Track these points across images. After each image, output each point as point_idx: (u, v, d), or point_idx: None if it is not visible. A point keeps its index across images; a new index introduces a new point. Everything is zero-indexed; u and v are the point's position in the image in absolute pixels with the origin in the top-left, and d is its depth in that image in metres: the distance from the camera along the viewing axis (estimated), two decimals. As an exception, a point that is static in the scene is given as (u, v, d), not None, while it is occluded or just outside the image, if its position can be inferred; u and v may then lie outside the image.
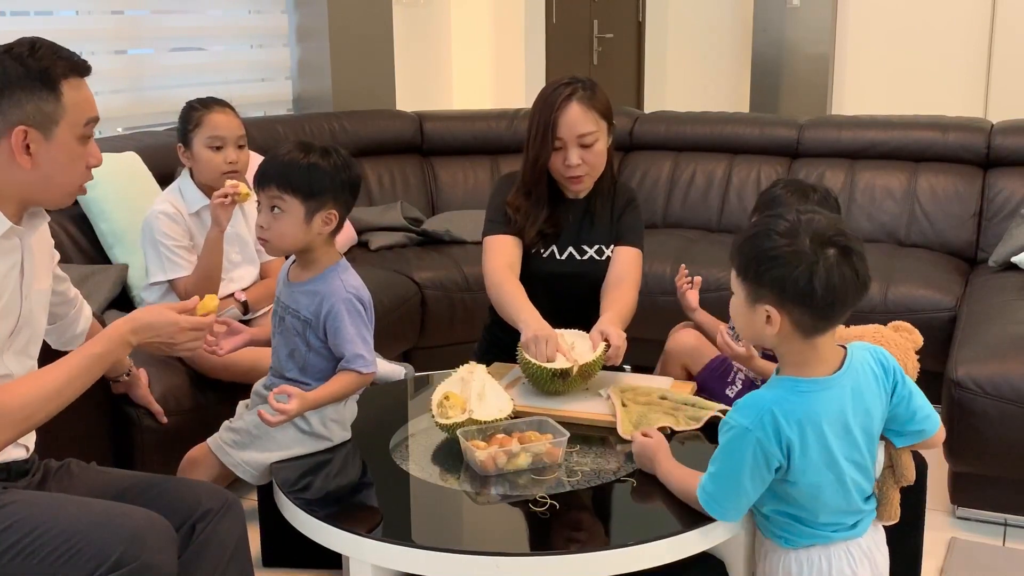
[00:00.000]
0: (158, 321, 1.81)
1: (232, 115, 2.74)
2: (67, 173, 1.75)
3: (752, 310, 1.64)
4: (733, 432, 1.65)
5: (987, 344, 2.70)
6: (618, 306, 2.40)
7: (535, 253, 2.54)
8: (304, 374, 2.06)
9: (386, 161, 4.27)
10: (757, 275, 1.61)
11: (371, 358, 2.04)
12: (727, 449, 1.66)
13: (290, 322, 2.06)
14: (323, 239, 2.04)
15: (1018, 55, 5.95)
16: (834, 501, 1.69)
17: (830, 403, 1.64)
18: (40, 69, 1.69)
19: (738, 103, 6.84)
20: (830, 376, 1.66)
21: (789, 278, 1.57)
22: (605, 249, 2.56)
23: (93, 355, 1.75)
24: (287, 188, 1.97)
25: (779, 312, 1.61)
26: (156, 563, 1.59)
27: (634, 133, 4.33)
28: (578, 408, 2.16)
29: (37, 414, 1.68)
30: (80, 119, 1.73)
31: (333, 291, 2.02)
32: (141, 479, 1.87)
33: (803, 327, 1.61)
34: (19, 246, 1.77)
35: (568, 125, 2.40)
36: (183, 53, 4.13)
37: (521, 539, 1.73)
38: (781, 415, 1.62)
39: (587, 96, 2.42)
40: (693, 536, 1.70)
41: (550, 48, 6.04)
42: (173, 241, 2.65)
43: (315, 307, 2.02)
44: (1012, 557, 2.57)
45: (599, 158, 2.46)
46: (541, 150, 2.43)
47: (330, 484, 1.96)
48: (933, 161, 3.86)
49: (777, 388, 1.67)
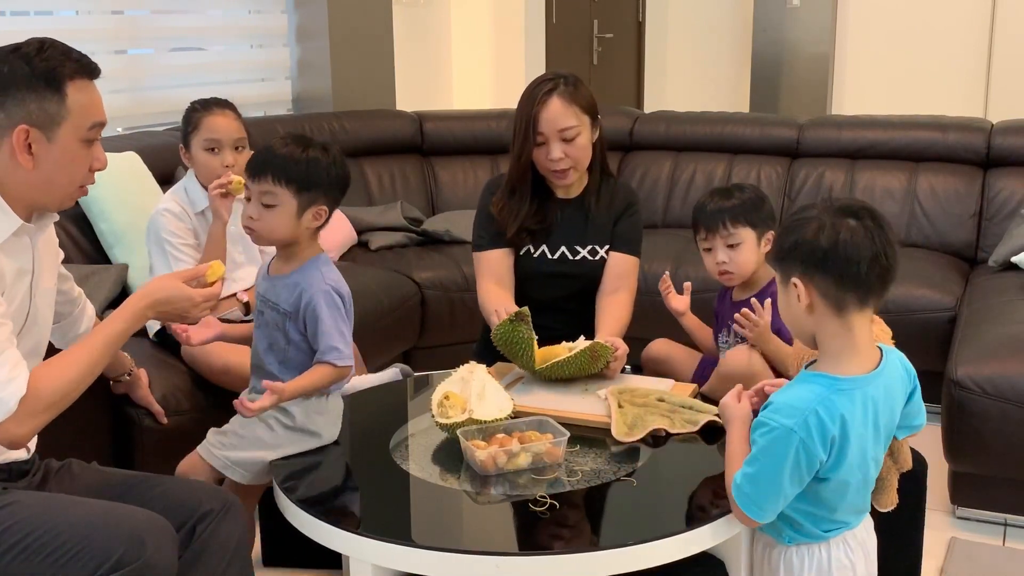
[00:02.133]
0: (174, 296, 1.85)
1: (231, 117, 2.74)
2: (68, 175, 1.75)
3: (787, 293, 1.66)
4: (775, 433, 1.62)
5: (987, 344, 2.70)
6: (614, 320, 2.43)
7: (526, 253, 2.55)
8: (284, 368, 2.05)
9: (386, 161, 4.27)
10: (781, 250, 1.66)
11: (347, 352, 2.02)
12: (768, 451, 1.63)
13: (270, 315, 2.05)
14: (309, 233, 2.04)
15: (1018, 55, 5.94)
16: (856, 499, 1.70)
17: (867, 402, 1.64)
18: (46, 69, 1.68)
19: (738, 103, 6.84)
20: (868, 375, 1.65)
21: (805, 240, 1.61)
22: (599, 249, 2.56)
23: (116, 332, 1.78)
24: (282, 180, 1.97)
25: (804, 282, 1.61)
26: (157, 563, 1.59)
27: (634, 133, 4.33)
28: (575, 408, 2.15)
29: (69, 396, 1.71)
30: (84, 122, 1.72)
31: (312, 283, 2.02)
32: (142, 479, 1.87)
33: (831, 298, 1.61)
34: (29, 245, 1.78)
35: (549, 120, 2.42)
36: (183, 53, 4.13)
37: (521, 539, 1.73)
38: (826, 415, 1.60)
39: (568, 91, 2.43)
40: (693, 536, 1.70)
41: (550, 48, 6.04)
42: (179, 239, 2.66)
43: (294, 299, 2.02)
44: (1012, 557, 2.57)
45: (582, 152, 2.47)
46: (524, 145, 2.46)
47: (330, 484, 1.96)
48: (933, 161, 3.87)
49: (816, 386, 1.64)
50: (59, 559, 1.57)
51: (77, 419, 1.88)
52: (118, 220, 2.96)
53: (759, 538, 1.82)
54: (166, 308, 1.85)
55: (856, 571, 1.74)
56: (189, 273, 1.92)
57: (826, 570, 1.73)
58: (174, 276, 1.90)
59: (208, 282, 1.92)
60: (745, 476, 1.67)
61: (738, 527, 1.78)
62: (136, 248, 2.90)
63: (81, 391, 1.73)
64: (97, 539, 1.58)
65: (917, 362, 1.79)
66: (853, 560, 1.74)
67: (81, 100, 1.71)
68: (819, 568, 1.73)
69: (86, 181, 1.79)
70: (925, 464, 2.08)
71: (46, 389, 1.67)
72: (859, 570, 1.75)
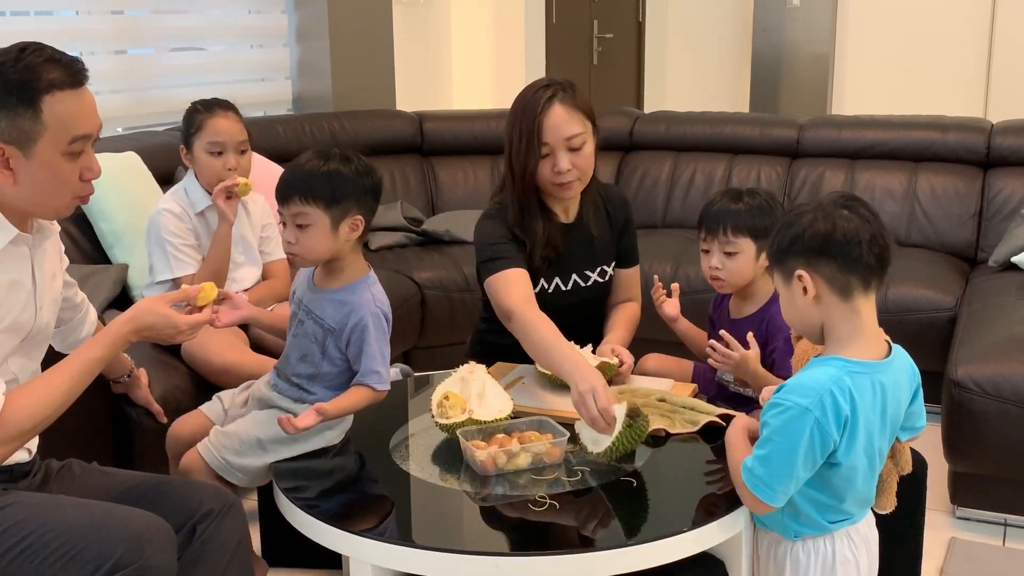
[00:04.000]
0: (158, 323, 1.79)
1: (234, 119, 2.74)
2: (52, 189, 1.66)
3: (791, 291, 1.67)
4: (790, 413, 1.61)
5: (987, 344, 2.70)
6: (624, 330, 2.42)
7: (541, 290, 2.35)
8: (313, 381, 2.04)
9: (386, 161, 4.26)
10: (780, 249, 1.68)
11: (386, 375, 2.01)
12: (782, 431, 1.62)
13: (310, 328, 2.03)
14: (351, 246, 2.01)
15: (1018, 55, 5.94)
16: (863, 488, 1.71)
17: (877, 388, 1.66)
18: (19, 83, 1.58)
19: (738, 103, 6.84)
20: (879, 362, 1.67)
21: (805, 231, 1.64)
22: (607, 269, 2.48)
23: (95, 359, 1.74)
24: (309, 198, 1.93)
25: (809, 272, 1.63)
26: (156, 564, 1.58)
27: (634, 133, 4.33)
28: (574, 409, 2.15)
29: (44, 422, 1.68)
30: (64, 136, 1.62)
31: (363, 304, 1.99)
32: (142, 480, 1.87)
33: (837, 283, 1.63)
34: (28, 255, 1.74)
35: (554, 128, 2.23)
36: (183, 53, 4.13)
37: (521, 539, 1.73)
38: (839, 393, 1.61)
39: (569, 96, 2.26)
40: (693, 536, 1.70)
41: (550, 48, 6.04)
42: (179, 239, 2.66)
43: (342, 317, 1.99)
44: (1012, 557, 2.57)
45: (588, 161, 2.29)
46: (528, 159, 2.25)
47: (330, 484, 1.95)
48: (933, 161, 3.87)
49: (829, 367, 1.64)
50: (59, 560, 1.57)
51: (77, 419, 1.88)
52: (118, 220, 2.96)
53: (764, 536, 1.82)
54: (149, 334, 1.79)
55: (859, 566, 1.75)
56: (178, 295, 1.87)
57: (830, 565, 1.74)
58: (161, 300, 1.81)
59: (198, 305, 1.88)
60: (757, 458, 1.65)
61: (738, 527, 1.78)
62: (136, 248, 2.90)
63: (56, 417, 1.69)
64: (96, 540, 1.57)
65: (917, 362, 1.79)
66: (856, 555, 1.75)
67: (60, 113, 1.60)
68: (824, 563, 1.74)
69: (80, 191, 1.70)
70: (925, 464, 2.08)
71: (20, 416, 1.63)
72: (862, 564, 1.76)
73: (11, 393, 1.66)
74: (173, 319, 1.80)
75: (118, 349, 1.79)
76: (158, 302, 1.81)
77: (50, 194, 1.67)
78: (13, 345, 1.73)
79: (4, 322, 1.68)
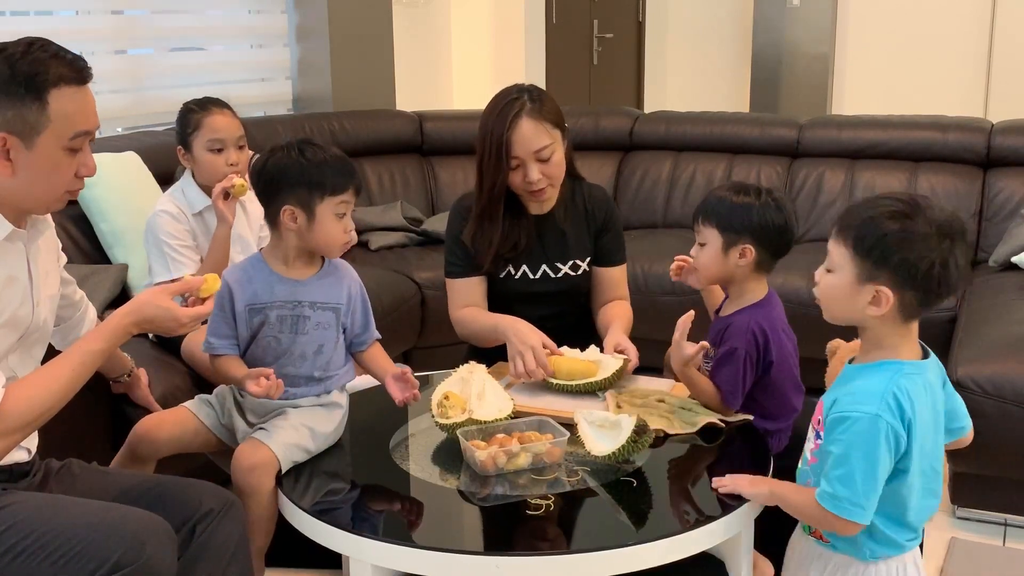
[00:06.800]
0: (160, 315, 1.79)
1: (231, 116, 2.74)
2: (49, 183, 1.68)
3: (858, 288, 1.60)
4: (861, 424, 1.56)
5: (987, 344, 2.70)
6: (621, 322, 2.42)
7: (507, 275, 2.47)
8: (326, 370, 2.06)
9: (386, 161, 4.27)
10: (882, 256, 1.58)
11: None
12: (857, 444, 1.56)
13: (320, 317, 2.03)
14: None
15: (1018, 55, 5.95)
16: (924, 496, 1.65)
17: (927, 388, 1.63)
18: (28, 75, 1.60)
19: (738, 103, 6.84)
20: (925, 361, 1.65)
21: (917, 264, 1.56)
22: (580, 263, 2.50)
23: (96, 351, 1.74)
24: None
25: (892, 291, 1.58)
26: (156, 565, 1.58)
27: (634, 133, 4.33)
28: (574, 409, 2.15)
29: (45, 414, 1.69)
30: (67, 131, 1.64)
31: (347, 271, 2.10)
32: (142, 480, 1.87)
33: (908, 310, 1.60)
34: (23, 251, 1.74)
35: (522, 143, 2.29)
36: (183, 53, 4.14)
37: (521, 539, 1.73)
38: (900, 395, 1.57)
39: (536, 108, 2.31)
40: (693, 536, 1.70)
41: (550, 48, 6.04)
42: (177, 240, 2.66)
43: (342, 290, 2.06)
44: (1012, 557, 2.57)
45: (559, 168, 2.36)
46: (497, 173, 2.33)
47: (330, 484, 1.95)
48: (933, 161, 3.86)
49: (883, 372, 1.61)
50: (58, 560, 1.56)
51: (77, 419, 1.88)
52: (118, 220, 2.96)
53: (828, 559, 1.71)
54: (150, 326, 1.80)
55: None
56: (181, 287, 1.87)
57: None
58: (163, 292, 1.81)
59: (201, 297, 1.87)
60: (837, 480, 1.58)
61: (738, 527, 1.78)
62: (136, 248, 2.90)
63: (57, 409, 1.70)
64: (96, 540, 1.57)
65: (917, 362, 1.78)
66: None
67: (65, 108, 1.63)
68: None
69: (72, 187, 1.72)
70: (925, 464, 2.08)
71: (20, 408, 1.63)
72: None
73: (11, 386, 1.66)
74: (174, 311, 1.80)
75: (119, 341, 1.79)
76: (159, 294, 1.81)
77: (45, 187, 1.68)
78: (12, 341, 1.73)
79: (2, 317, 1.69)
